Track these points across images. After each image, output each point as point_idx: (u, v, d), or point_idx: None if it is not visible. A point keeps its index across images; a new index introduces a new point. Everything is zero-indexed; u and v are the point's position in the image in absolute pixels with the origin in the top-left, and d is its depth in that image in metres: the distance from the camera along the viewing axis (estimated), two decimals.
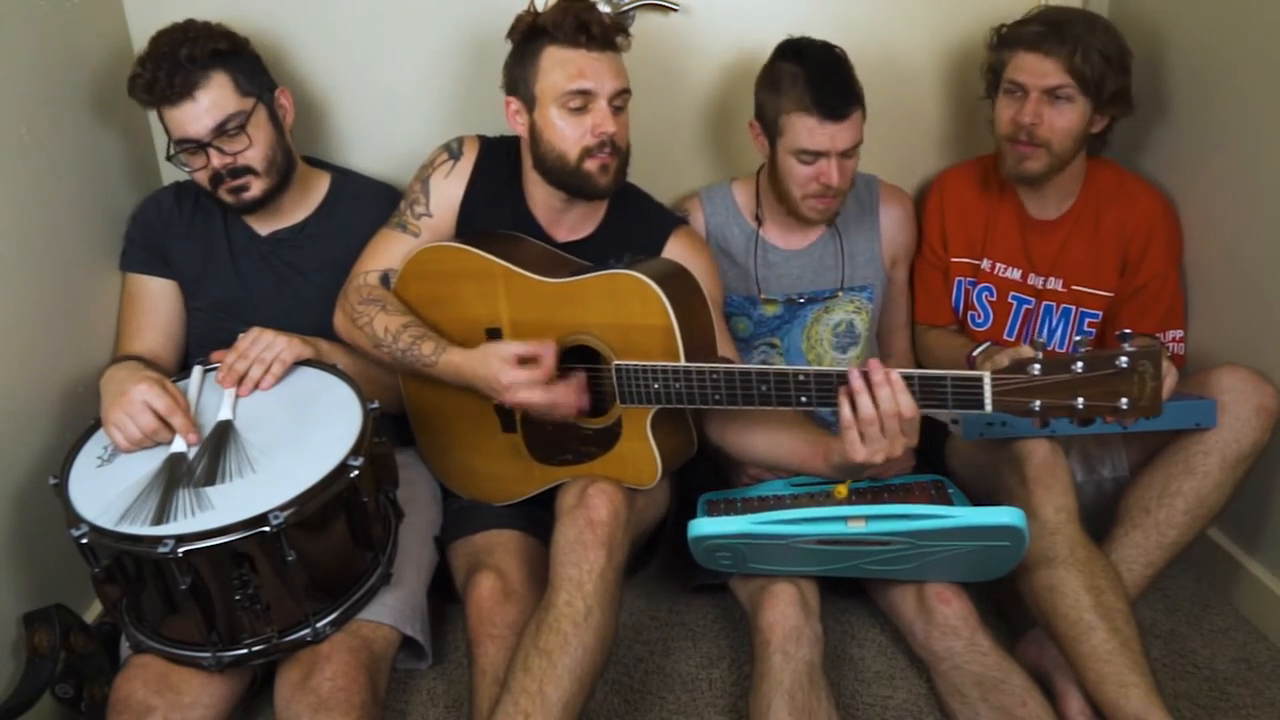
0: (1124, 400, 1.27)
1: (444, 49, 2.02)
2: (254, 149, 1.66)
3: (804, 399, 1.42)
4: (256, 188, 1.69)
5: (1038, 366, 1.30)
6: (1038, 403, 1.31)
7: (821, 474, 1.58)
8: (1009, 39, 1.79)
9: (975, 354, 1.78)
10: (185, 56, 1.59)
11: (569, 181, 1.64)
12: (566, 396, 1.53)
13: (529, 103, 1.63)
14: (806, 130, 1.71)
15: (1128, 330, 1.29)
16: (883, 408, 1.36)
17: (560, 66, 1.58)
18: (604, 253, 1.69)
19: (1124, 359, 1.26)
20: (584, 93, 1.58)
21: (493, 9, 1.95)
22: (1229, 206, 1.80)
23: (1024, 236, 1.91)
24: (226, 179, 1.66)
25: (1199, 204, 1.87)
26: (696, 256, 1.73)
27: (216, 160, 1.64)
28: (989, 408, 1.33)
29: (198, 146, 1.63)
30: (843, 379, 1.39)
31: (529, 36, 1.61)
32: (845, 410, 1.38)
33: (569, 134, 1.60)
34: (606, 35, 1.59)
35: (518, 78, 1.64)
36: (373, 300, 1.67)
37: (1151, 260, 1.84)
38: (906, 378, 1.37)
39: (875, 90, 2.03)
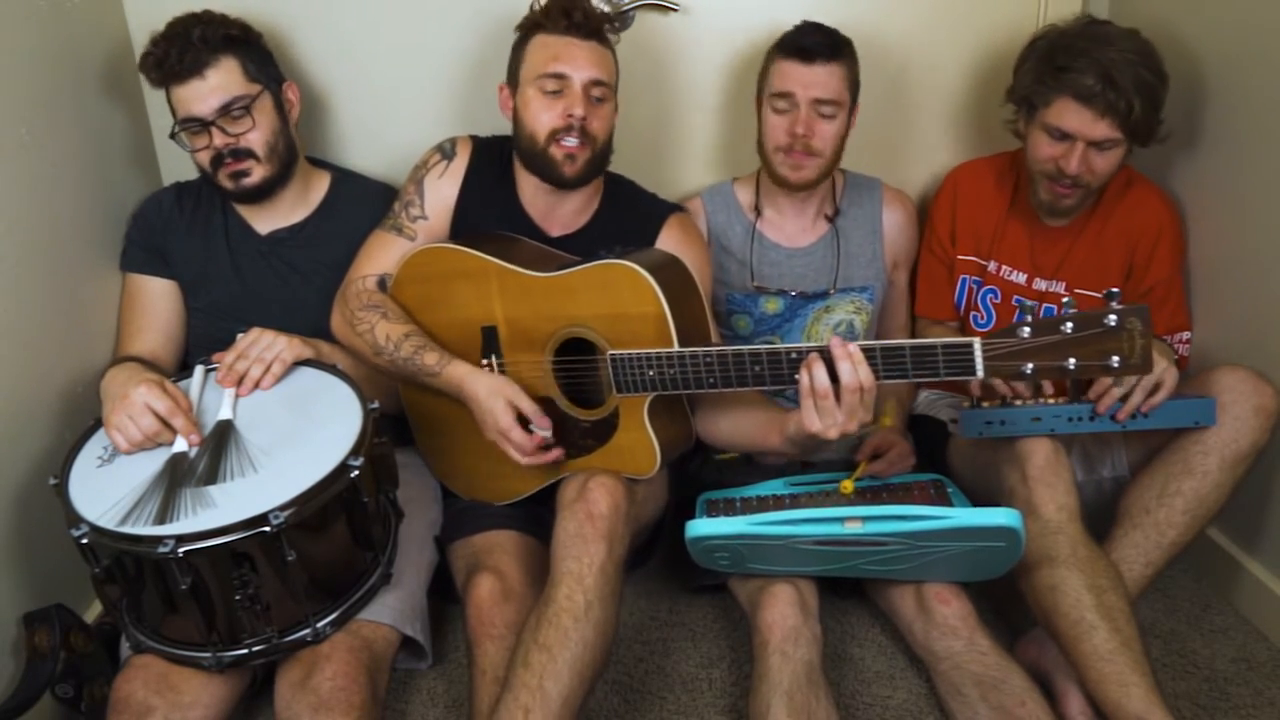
0: (1115, 358, 1.27)
1: (444, 49, 2.02)
2: (256, 132, 1.69)
3: (798, 377, 1.42)
4: (257, 174, 1.71)
5: (1027, 329, 1.30)
6: (1029, 365, 1.31)
7: (778, 448, 1.59)
8: (1060, 82, 1.68)
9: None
10: (197, 36, 1.64)
11: (537, 165, 1.66)
12: (538, 459, 1.59)
13: (514, 87, 1.68)
14: (780, 72, 1.76)
15: (1115, 289, 1.29)
16: (843, 381, 1.37)
17: (541, 50, 1.64)
18: (599, 245, 1.69)
19: (1112, 317, 1.26)
20: (559, 76, 1.62)
21: (493, 9, 1.96)
22: (1231, 207, 1.80)
23: (1032, 241, 1.91)
24: (228, 160, 1.69)
25: (1201, 204, 1.87)
26: (691, 244, 1.75)
27: (219, 140, 1.67)
28: (980, 373, 1.33)
29: (201, 126, 1.66)
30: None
31: (528, 29, 1.67)
32: (804, 380, 1.40)
33: (541, 116, 1.63)
34: (589, 24, 1.63)
35: (512, 67, 1.69)
36: (373, 306, 1.67)
37: (1158, 264, 1.84)
38: (897, 349, 1.37)
39: (879, 90, 2.05)
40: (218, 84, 1.65)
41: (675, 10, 2.02)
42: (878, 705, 1.65)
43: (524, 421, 1.58)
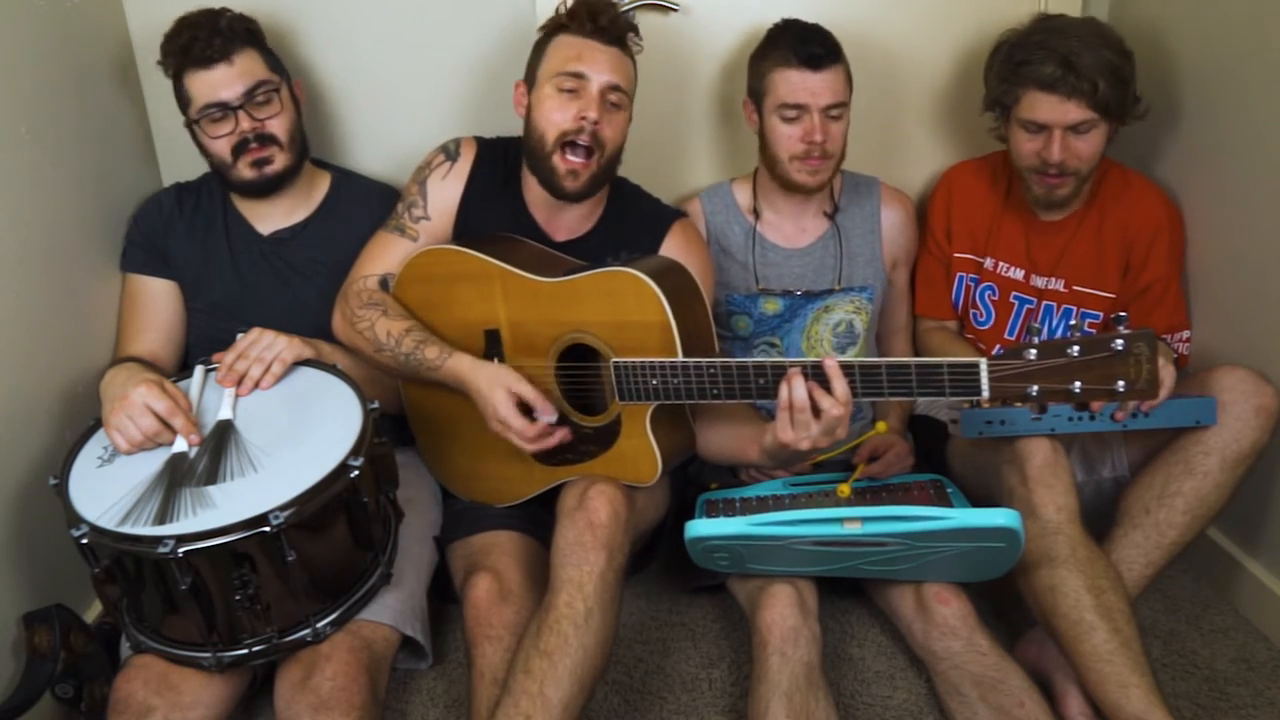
0: (1121, 383, 1.27)
1: (448, 50, 2.02)
2: (282, 118, 1.71)
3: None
4: (279, 161, 1.72)
5: (1034, 351, 1.29)
6: (1035, 388, 1.30)
7: (755, 461, 1.62)
8: (1021, 77, 1.72)
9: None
10: (225, 24, 1.67)
11: (541, 171, 1.66)
12: (542, 445, 1.56)
13: (530, 85, 1.68)
14: (787, 83, 1.74)
15: (1123, 313, 1.29)
16: (836, 395, 1.39)
17: (563, 49, 1.63)
18: (603, 250, 1.69)
19: (1119, 341, 1.26)
20: (577, 75, 1.61)
21: (498, 10, 1.96)
22: (1231, 207, 1.80)
23: (1028, 237, 1.91)
24: (253, 146, 1.69)
25: (1201, 204, 1.87)
26: (694, 251, 1.75)
27: (246, 123, 1.68)
28: (986, 393, 1.32)
29: (225, 111, 1.67)
30: (843, 369, 1.40)
31: (551, 30, 1.67)
32: (784, 393, 1.41)
33: (554, 115, 1.62)
34: (614, 29, 1.63)
35: (531, 65, 1.69)
36: (373, 304, 1.67)
37: (1155, 262, 1.84)
38: (903, 366, 1.37)
39: (876, 89, 2.05)
40: (244, 70, 1.67)
41: (675, 10, 2.02)
42: (877, 705, 1.65)
43: (530, 415, 1.56)
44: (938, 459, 1.89)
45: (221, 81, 1.66)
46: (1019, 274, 1.92)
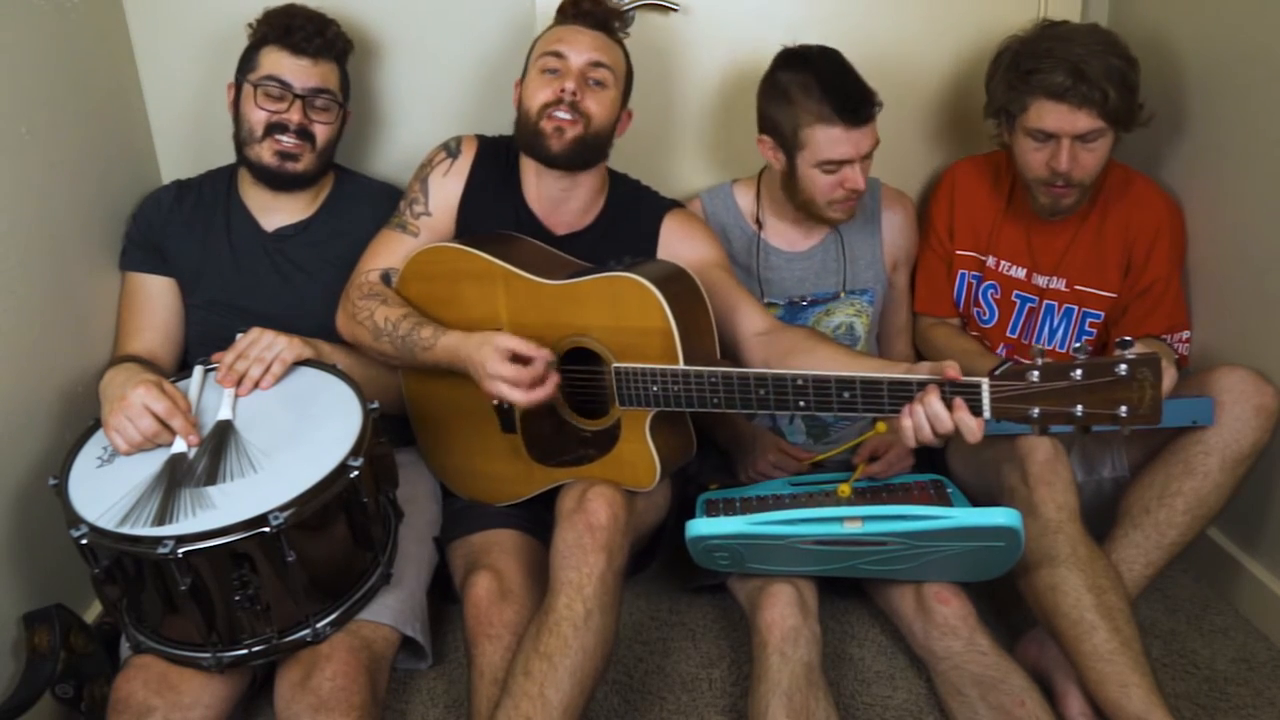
0: (1123, 408, 1.26)
1: (447, 49, 2.02)
2: (330, 128, 1.77)
3: (802, 403, 1.41)
4: (304, 163, 1.74)
5: (1037, 374, 1.28)
6: (1036, 410, 1.30)
7: None
8: (1030, 85, 1.70)
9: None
10: (331, 34, 1.75)
11: (530, 143, 1.67)
12: (536, 396, 1.50)
13: (524, 74, 1.71)
14: (830, 141, 1.71)
15: (1128, 338, 1.28)
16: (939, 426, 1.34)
17: (547, 36, 1.68)
18: (602, 244, 1.69)
19: (1123, 367, 1.25)
20: (557, 54, 1.64)
21: (498, 11, 1.96)
22: (1231, 207, 1.80)
23: (1030, 236, 1.91)
24: (289, 134, 1.71)
25: (1202, 204, 1.87)
26: (692, 235, 1.76)
27: (297, 116, 1.71)
28: (988, 415, 1.32)
29: (284, 91, 1.70)
30: (843, 384, 1.38)
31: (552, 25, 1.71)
32: (906, 423, 1.34)
33: (537, 92, 1.65)
34: (596, 14, 1.68)
35: (526, 63, 1.72)
36: (373, 295, 1.68)
37: (1156, 262, 1.84)
38: (905, 384, 1.35)
39: (878, 91, 2.04)
40: (322, 75, 1.73)
41: (675, 10, 2.02)
42: (878, 705, 1.65)
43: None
44: (938, 459, 1.89)
45: (298, 70, 1.71)
46: (1020, 273, 1.92)
